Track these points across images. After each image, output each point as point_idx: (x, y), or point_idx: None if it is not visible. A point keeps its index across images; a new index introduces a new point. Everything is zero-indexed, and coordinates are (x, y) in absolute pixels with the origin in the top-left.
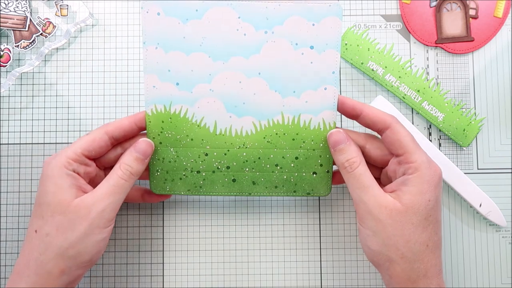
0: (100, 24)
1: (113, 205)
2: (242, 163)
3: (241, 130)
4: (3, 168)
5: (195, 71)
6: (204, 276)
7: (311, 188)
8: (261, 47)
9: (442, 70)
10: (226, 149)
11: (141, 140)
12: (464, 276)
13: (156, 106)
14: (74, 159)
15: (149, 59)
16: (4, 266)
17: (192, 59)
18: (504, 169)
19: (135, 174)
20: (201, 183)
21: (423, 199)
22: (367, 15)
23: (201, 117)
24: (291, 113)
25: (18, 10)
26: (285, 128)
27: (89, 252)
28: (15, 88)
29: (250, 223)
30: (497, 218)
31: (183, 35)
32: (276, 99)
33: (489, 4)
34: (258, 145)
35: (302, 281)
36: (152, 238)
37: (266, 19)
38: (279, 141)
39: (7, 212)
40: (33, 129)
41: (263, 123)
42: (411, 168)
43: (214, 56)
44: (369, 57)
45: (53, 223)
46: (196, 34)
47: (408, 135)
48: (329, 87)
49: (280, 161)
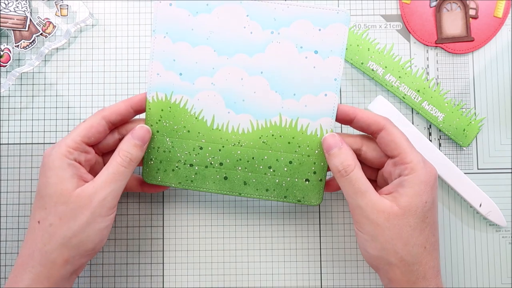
0: (100, 24)
1: (114, 192)
2: (236, 161)
3: (238, 127)
4: (3, 168)
5: (199, 63)
6: (204, 276)
7: (302, 195)
8: (266, 47)
9: (442, 70)
10: (221, 145)
11: (138, 127)
12: (464, 276)
13: (157, 94)
14: (74, 147)
15: (157, 47)
16: (4, 266)
17: (197, 51)
18: (504, 169)
19: (134, 161)
20: (193, 177)
21: (420, 201)
22: (367, 15)
23: (200, 110)
24: (289, 116)
25: (18, 10)
26: (281, 130)
27: (92, 241)
28: (15, 88)
29: (250, 223)
30: (497, 218)
31: (191, 27)
32: (275, 99)
33: (489, 4)
34: (253, 144)
35: (302, 281)
36: (152, 238)
37: (273, 20)
38: (274, 142)
39: (7, 212)
40: (33, 129)
41: (260, 123)
42: (407, 168)
43: (219, 51)
44: (369, 57)
45: (56, 213)
46: (204, 28)
47: (402, 136)
48: (329, 93)
49: (274, 164)
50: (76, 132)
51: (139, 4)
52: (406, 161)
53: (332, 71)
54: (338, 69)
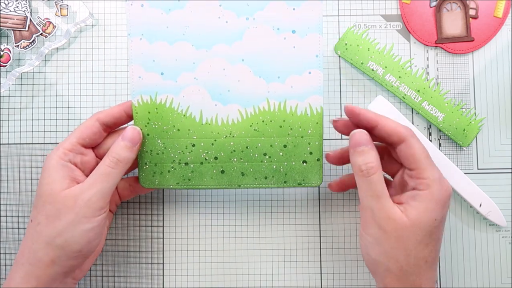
0: (100, 24)
1: (100, 193)
2: (230, 153)
3: (227, 118)
4: (3, 168)
5: (179, 60)
6: (204, 276)
7: (302, 178)
8: (243, 34)
9: (442, 70)
10: (213, 139)
11: (128, 128)
12: (464, 276)
13: (142, 97)
14: (70, 149)
15: (134, 50)
16: (4, 266)
17: (175, 48)
18: (504, 169)
19: (123, 162)
20: (190, 175)
21: (429, 217)
22: (367, 15)
23: (187, 106)
24: (276, 99)
25: (18, 10)
26: (271, 115)
27: (78, 242)
28: (15, 88)
29: (250, 223)
30: (497, 218)
31: (166, 25)
32: (260, 85)
33: (489, 4)
34: (245, 133)
35: (302, 281)
36: (152, 238)
37: (247, 6)
38: (266, 128)
39: (7, 212)
40: (33, 129)
41: (249, 111)
42: (422, 184)
43: (197, 45)
44: (369, 57)
45: (44, 212)
46: (179, 24)
47: (423, 151)
48: (313, 71)
49: (269, 150)
50: (73, 134)
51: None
52: (422, 177)
53: (312, 48)
54: (318, 45)
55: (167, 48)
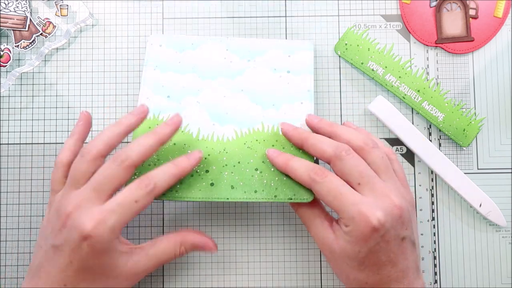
0: (100, 24)
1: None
2: (222, 167)
3: (223, 136)
4: (3, 168)
5: (185, 87)
6: (204, 276)
7: (293, 193)
8: (244, 71)
9: (442, 70)
10: (207, 153)
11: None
12: (464, 276)
13: None
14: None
15: (147, 76)
16: (4, 266)
17: (184, 78)
18: (504, 169)
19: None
20: (178, 187)
21: (353, 250)
22: (367, 15)
23: (186, 124)
24: (270, 123)
25: (18, 10)
26: (264, 135)
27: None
28: (15, 88)
29: (250, 223)
30: (497, 218)
31: (178, 61)
32: (257, 110)
33: (489, 4)
34: (238, 150)
35: (302, 281)
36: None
37: (249, 51)
38: (259, 147)
39: (7, 212)
40: (33, 129)
41: (244, 131)
42: (343, 219)
43: (203, 76)
44: (369, 57)
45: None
46: (190, 61)
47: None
48: (305, 101)
49: (260, 166)
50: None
51: (139, 4)
52: (340, 216)
53: (305, 85)
54: (310, 82)
55: (177, 78)
